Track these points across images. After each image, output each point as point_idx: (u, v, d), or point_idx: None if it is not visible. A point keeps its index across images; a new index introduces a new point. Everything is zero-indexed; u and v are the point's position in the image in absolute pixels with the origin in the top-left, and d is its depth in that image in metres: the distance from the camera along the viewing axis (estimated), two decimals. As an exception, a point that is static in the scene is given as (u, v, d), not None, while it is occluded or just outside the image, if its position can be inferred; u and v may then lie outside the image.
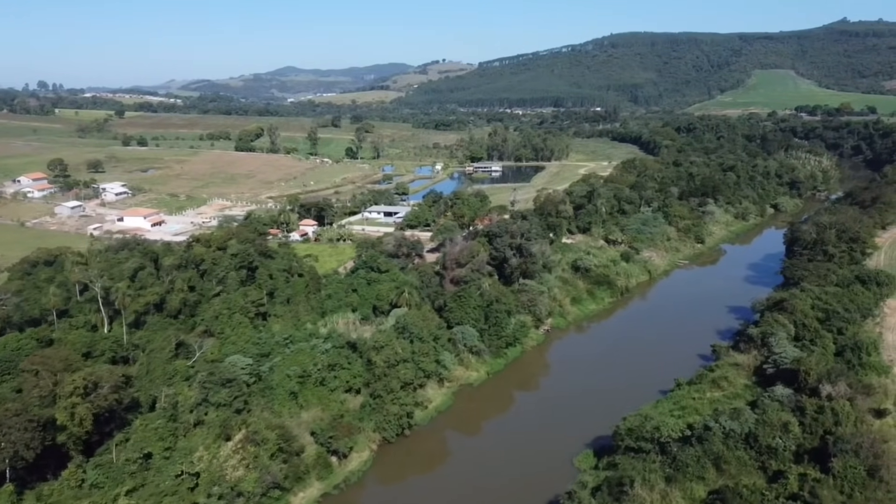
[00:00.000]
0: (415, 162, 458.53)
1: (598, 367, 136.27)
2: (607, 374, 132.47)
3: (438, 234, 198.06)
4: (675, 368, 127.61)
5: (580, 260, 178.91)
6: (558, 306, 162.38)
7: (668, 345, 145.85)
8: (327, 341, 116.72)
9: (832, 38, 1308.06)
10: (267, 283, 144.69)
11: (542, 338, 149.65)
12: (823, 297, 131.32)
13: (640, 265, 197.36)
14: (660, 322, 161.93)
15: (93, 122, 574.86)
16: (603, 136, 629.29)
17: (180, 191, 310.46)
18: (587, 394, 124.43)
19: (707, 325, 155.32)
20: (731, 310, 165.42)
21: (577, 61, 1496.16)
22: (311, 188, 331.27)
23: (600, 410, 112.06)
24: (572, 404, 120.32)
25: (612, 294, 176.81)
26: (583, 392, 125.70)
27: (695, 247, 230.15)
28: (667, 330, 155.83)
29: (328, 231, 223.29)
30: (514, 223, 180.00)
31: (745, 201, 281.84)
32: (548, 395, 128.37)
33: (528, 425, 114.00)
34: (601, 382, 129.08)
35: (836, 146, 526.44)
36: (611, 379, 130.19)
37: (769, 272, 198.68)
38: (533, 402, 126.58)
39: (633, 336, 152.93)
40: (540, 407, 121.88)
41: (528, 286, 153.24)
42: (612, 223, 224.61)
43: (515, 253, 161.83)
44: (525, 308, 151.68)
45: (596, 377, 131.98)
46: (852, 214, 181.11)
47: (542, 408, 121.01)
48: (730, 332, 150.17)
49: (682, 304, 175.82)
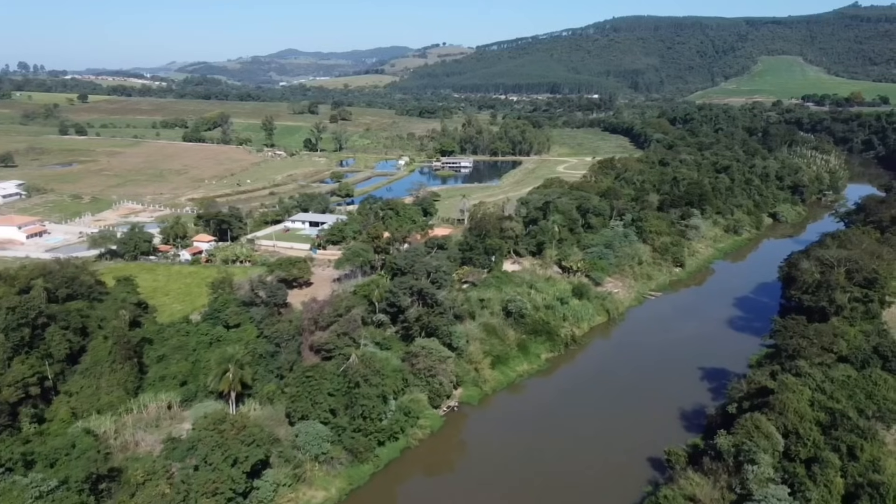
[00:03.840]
0: (380, 155, 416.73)
1: (501, 475, 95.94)
2: (513, 486, 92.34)
3: (344, 261, 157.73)
4: (611, 482, 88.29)
5: (512, 302, 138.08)
6: (474, 370, 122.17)
7: (610, 434, 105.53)
8: (59, 471, 75.19)
9: (843, 23, 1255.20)
10: (61, 347, 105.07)
11: (440, 422, 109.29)
12: (828, 389, 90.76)
13: (596, 302, 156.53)
14: (607, 390, 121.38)
15: (42, 108, 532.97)
16: (595, 125, 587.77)
17: (90, 191, 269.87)
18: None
19: (670, 398, 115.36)
20: (704, 374, 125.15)
21: (578, 46, 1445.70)
22: (245, 188, 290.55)
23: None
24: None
25: (553, 347, 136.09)
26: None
27: (672, 271, 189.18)
28: (614, 405, 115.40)
29: (226, 249, 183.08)
30: (430, 252, 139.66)
31: (738, 211, 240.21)
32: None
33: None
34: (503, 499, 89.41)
35: (845, 140, 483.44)
36: (518, 497, 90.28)
37: (761, 309, 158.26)
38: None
39: (566, 416, 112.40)
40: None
41: (428, 349, 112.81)
42: (571, 242, 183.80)
43: (417, 300, 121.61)
44: (423, 380, 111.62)
45: (496, 487, 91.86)
46: (867, 245, 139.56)
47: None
48: (700, 411, 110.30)
49: (642, 360, 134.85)
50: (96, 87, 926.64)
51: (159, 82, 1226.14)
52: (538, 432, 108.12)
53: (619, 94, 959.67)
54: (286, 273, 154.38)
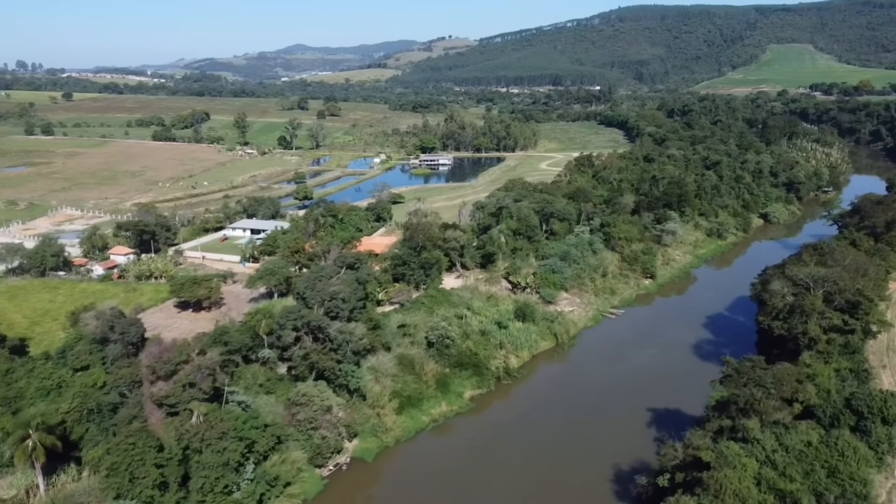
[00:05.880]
0: (358, 153, 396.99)
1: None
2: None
3: (255, 280, 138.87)
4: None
5: (435, 330, 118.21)
6: (376, 415, 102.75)
7: (525, 501, 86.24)
8: None
9: (854, 9, 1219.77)
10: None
11: (319, 486, 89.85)
12: (780, 463, 70.61)
13: (543, 324, 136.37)
14: (531, 442, 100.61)
15: (17, 107, 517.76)
16: (591, 118, 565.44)
17: (30, 195, 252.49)
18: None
19: (606, 451, 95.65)
20: (653, 418, 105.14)
21: (582, 36, 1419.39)
22: (198, 191, 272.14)
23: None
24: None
25: (481, 383, 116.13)
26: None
27: (640, 284, 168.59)
28: (537, 461, 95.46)
29: (141, 263, 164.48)
30: (336, 273, 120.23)
31: (723, 213, 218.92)
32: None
33: None
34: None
35: (852, 131, 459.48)
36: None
37: (735, 332, 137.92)
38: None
39: (473, 477, 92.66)
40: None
41: (309, 396, 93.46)
42: (527, 252, 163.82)
43: (308, 335, 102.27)
44: (304, 432, 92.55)
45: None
46: (852, 261, 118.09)
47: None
48: (639, 468, 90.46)
49: (583, 399, 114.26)
50: (90, 84, 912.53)
51: (157, 79, 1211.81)
52: (438, 496, 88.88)
53: (621, 86, 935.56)
54: (188, 294, 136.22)
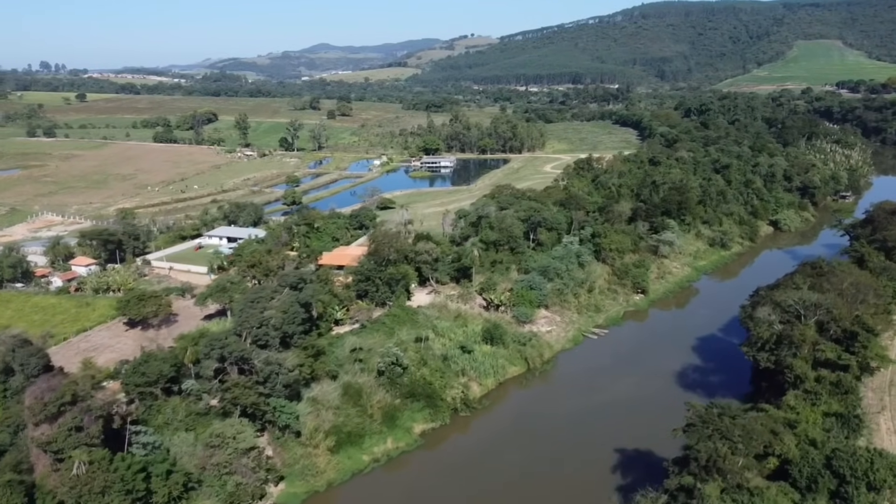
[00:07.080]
0: (361, 154, 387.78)
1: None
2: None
3: (205, 297, 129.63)
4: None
5: (386, 356, 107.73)
6: (307, 455, 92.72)
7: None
8: None
9: (886, 3, 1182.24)
10: None
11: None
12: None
13: (514, 347, 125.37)
14: (481, 488, 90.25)
15: (26, 108, 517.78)
16: (606, 118, 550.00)
17: (14, 200, 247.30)
18: None
19: (569, 499, 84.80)
20: (622, 462, 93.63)
21: (604, 34, 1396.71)
22: (187, 195, 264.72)
23: None
24: None
25: (434, 416, 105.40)
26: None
27: (630, 300, 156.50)
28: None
29: (101, 275, 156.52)
30: (279, 293, 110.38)
31: (728, 220, 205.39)
32: None
33: None
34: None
35: (878, 130, 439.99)
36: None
37: (726, 356, 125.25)
38: None
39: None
40: None
41: (224, 437, 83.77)
42: (508, 265, 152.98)
43: (233, 365, 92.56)
44: (219, 478, 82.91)
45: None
46: (851, 284, 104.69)
47: None
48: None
49: (549, 438, 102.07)
50: (108, 85, 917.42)
51: (176, 80, 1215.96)
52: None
53: (641, 84, 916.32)
54: (134, 312, 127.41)
